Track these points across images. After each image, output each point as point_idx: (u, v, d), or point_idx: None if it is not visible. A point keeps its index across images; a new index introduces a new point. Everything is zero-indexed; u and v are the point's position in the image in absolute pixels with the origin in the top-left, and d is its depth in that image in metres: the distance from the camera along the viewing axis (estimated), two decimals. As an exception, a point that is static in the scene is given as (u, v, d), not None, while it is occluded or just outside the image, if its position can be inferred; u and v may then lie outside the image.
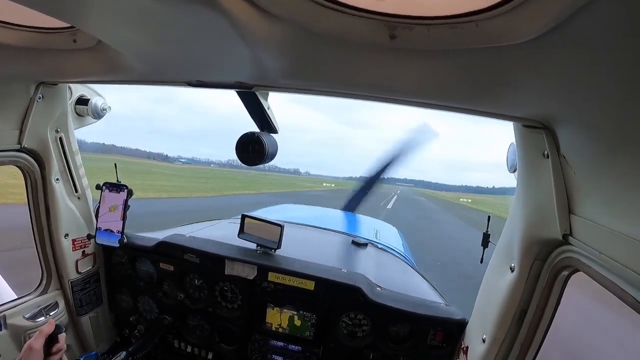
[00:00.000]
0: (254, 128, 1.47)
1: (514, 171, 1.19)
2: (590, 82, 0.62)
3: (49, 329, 1.24)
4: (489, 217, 1.59)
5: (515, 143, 1.12)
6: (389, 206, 32.21)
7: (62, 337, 1.28)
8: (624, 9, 0.44)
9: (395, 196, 52.59)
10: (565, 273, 1.05)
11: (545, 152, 0.95)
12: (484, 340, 1.26)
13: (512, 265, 1.14)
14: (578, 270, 0.99)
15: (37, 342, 1.19)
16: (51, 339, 1.25)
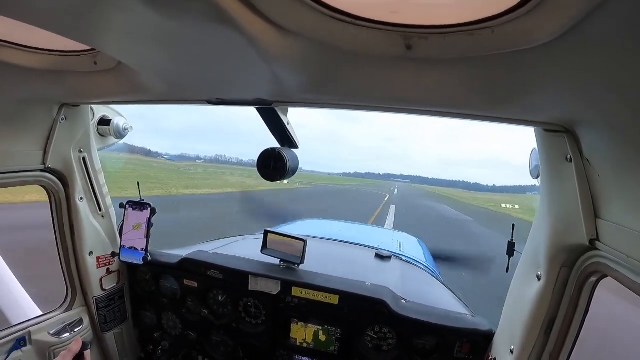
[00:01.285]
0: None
1: (537, 177, 1.16)
2: (611, 82, 0.60)
3: (76, 347, 1.25)
4: (513, 225, 1.55)
5: (537, 148, 1.10)
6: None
7: (87, 354, 1.30)
8: None
9: (393, 207, 29.05)
10: (593, 279, 1.02)
11: (568, 156, 0.93)
12: (512, 352, 1.23)
13: (539, 273, 1.11)
14: (606, 276, 0.97)
15: None
16: (78, 357, 1.26)
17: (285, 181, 1.39)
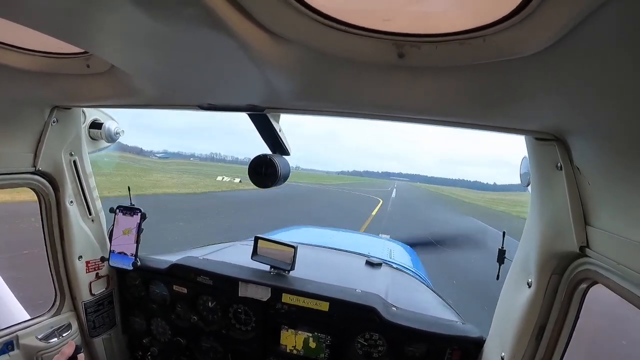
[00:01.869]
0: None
1: (528, 185, 1.18)
2: (601, 90, 0.61)
3: (69, 350, 1.26)
4: (503, 232, 1.57)
5: (527, 156, 1.11)
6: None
7: (81, 357, 1.30)
8: (631, 14, 0.43)
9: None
10: (583, 286, 1.02)
11: (559, 164, 0.94)
12: (502, 358, 1.23)
13: (529, 280, 1.11)
14: (596, 283, 0.97)
15: None
16: None
17: (239, 179, 1.38)
